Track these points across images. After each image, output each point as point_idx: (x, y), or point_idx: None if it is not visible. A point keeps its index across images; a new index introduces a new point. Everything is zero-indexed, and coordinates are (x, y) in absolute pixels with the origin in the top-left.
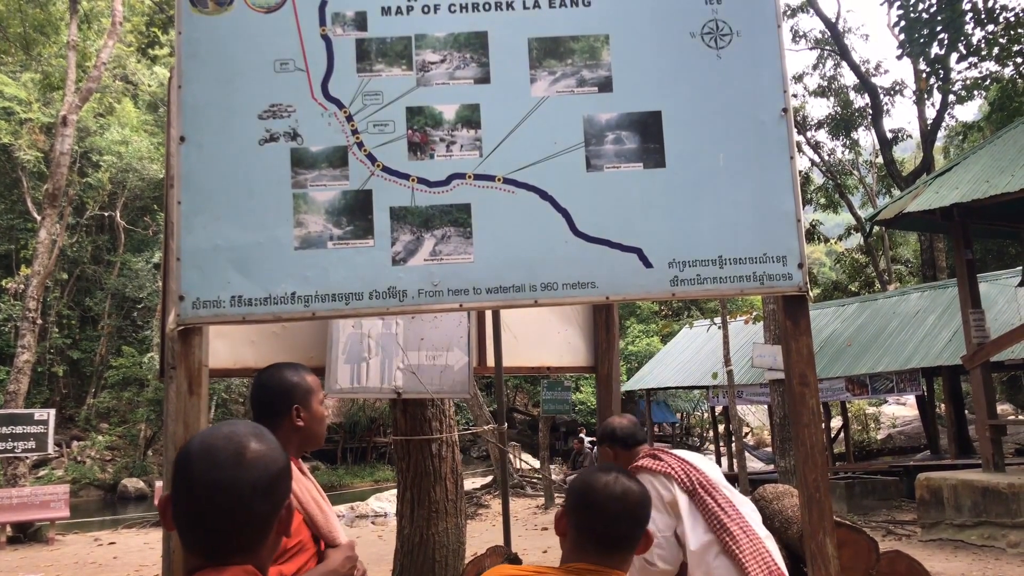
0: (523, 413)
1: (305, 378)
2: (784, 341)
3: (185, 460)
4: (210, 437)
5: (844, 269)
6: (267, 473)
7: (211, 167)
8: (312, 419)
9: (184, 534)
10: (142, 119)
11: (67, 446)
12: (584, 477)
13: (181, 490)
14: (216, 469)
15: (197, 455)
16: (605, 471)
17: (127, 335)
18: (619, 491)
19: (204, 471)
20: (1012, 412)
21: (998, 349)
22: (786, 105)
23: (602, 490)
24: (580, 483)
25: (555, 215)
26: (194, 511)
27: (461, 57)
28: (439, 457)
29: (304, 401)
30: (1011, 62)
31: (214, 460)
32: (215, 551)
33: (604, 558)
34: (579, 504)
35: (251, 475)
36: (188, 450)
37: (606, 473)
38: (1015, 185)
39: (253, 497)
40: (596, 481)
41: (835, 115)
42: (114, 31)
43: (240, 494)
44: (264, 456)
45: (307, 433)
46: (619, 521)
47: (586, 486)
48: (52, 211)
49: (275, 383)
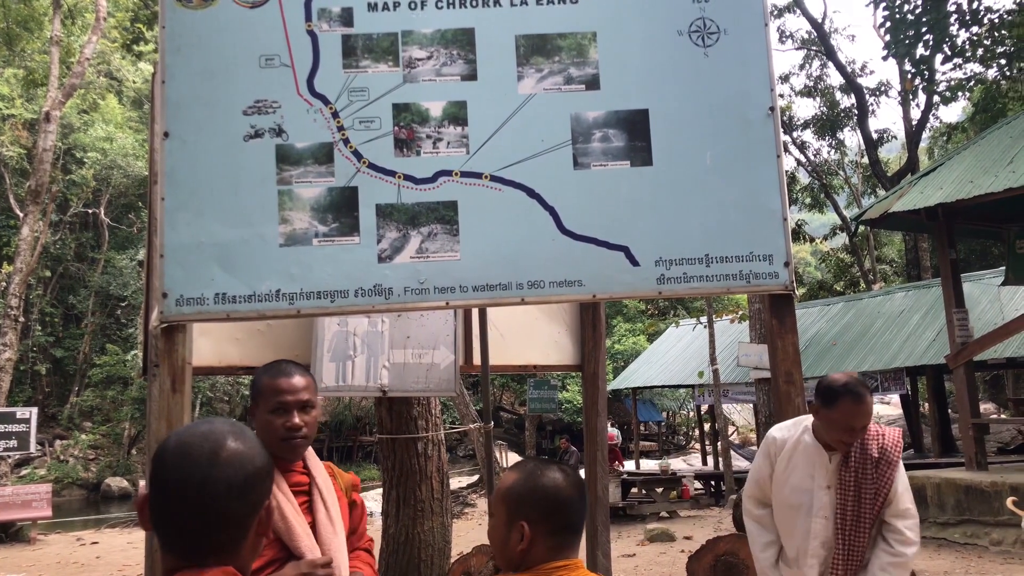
0: (509, 412)
1: (265, 382)
2: (770, 339)
3: (160, 458)
4: (187, 435)
5: (829, 269)
6: (243, 472)
7: (195, 163)
8: (258, 426)
9: (160, 534)
10: (127, 115)
11: (50, 445)
12: (530, 484)
13: (156, 488)
14: (190, 467)
15: (172, 452)
16: (539, 471)
17: (111, 333)
18: (572, 480)
19: (177, 468)
20: (995, 411)
21: (981, 348)
22: (773, 104)
23: (558, 487)
24: (533, 490)
25: (542, 213)
26: (168, 510)
27: (448, 54)
28: (425, 456)
29: (254, 404)
30: (995, 64)
31: (189, 457)
32: (191, 551)
33: (570, 549)
34: (547, 509)
35: (226, 473)
36: (164, 447)
37: (544, 470)
38: (998, 185)
39: (229, 496)
40: (547, 481)
41: (821, 115)
42: (98, 27)
43: (215, 493)
44: (241, 455)
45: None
46: (582, 506)
47: (542, 490)
48: (35, 208)
49: (254, 383)
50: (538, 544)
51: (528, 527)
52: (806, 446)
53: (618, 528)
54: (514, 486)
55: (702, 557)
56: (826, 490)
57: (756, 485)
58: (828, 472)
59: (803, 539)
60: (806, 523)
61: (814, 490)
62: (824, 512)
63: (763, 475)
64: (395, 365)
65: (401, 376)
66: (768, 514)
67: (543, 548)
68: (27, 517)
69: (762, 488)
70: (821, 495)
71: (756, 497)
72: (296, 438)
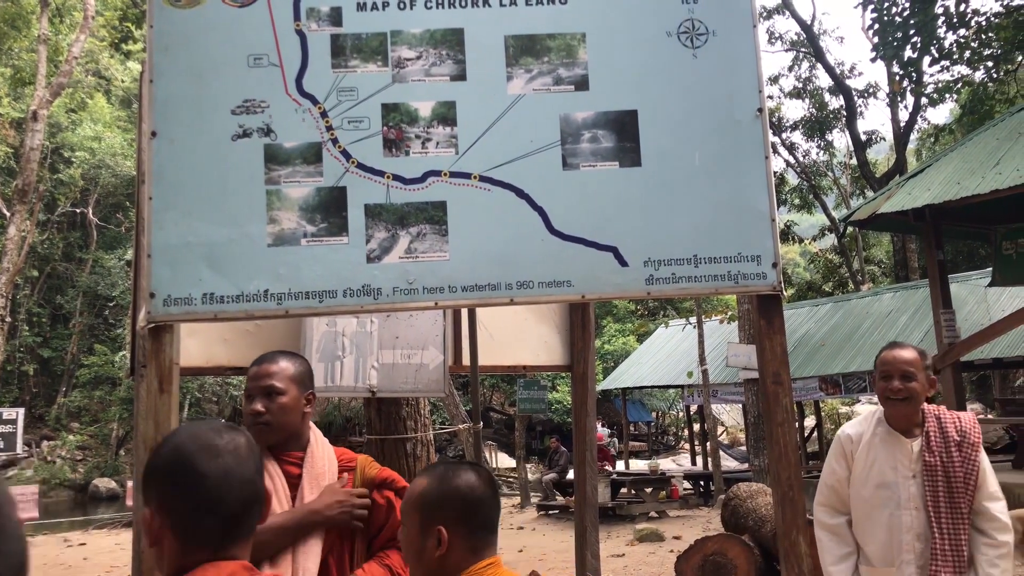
0: (499, 412)
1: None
2: (758, 340)
3: (184, 456)
4: (198, 433)
5: (818, 269)
6: (259, 461)
7: (183, 162)
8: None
9: (189, 530)
10: (115, 115)
11: (37, 446)
12: (443, 487)
13: (188, 484)
14: (223, 456)
15: (196, 450)
16: (450, 472)
17: (99, 333)
18: (485, 478)
19: (210, 460)
20: (982, 411)
21: (968, 349)
22: (761, 105)
23: (472, 486)
24: (447, 493)
25: (531, 213)
26: (207, 502)
27: (437, 54)
28: (414, 457)
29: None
30: (982, 66)
31: (217, 451)
32: (226, 538)
33: (489, 548)
34: (463, 510)
35: (252, 463)
36: (181, 447)
37: (456, 471)
38: (985, 187)
39: (256, 481)
40: (461, 483)
41: (810, 117)
42: (86, 25)
43: (250, 479)
44: (252, 446)
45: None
46: (496, 503)
47: (456, 491)
48: (22, 207)
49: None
50: (456, 547)
51: (446, 531)
52: (883, 436)
53: (607, 528)
54: (427, 491)
55: (691, 557)
56: (912, 480)
57: (831, 491)
58: (911, 459)
59: (895, 534)
60: (896, 518)
61: (899, 481)
62: (915, 503)
63: (839, 478)
64: (384, 366)
65: (390, 376)
66: (844, 523)
67: (461, 551)
68: None
69: (838, 493)
70: (908, 485)
71: (830, 505)
72: (257, 423)
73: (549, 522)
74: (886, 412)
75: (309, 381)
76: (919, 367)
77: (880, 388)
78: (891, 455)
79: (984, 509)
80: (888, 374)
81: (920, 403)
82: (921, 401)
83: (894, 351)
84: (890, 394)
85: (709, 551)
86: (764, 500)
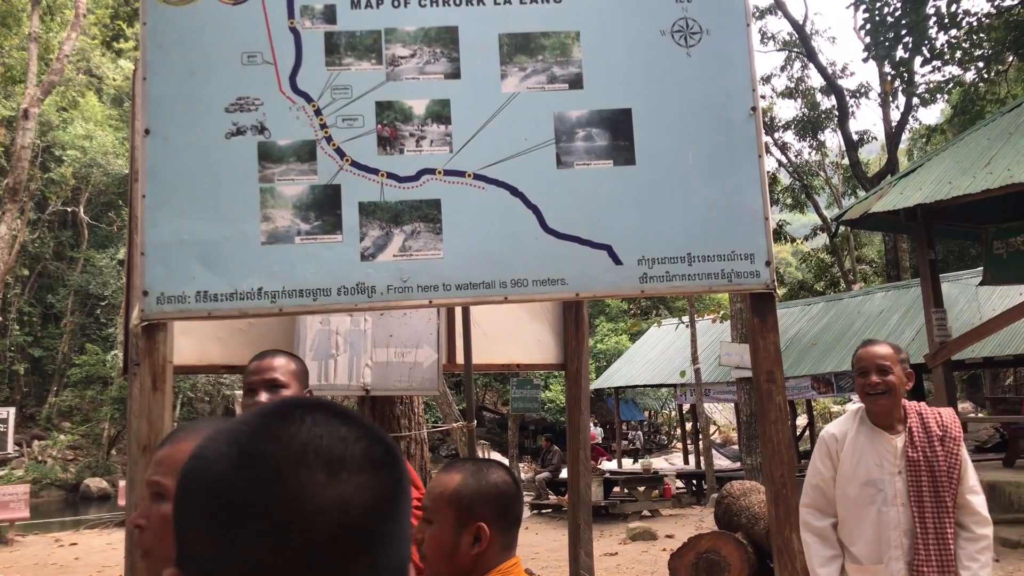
0: (492, 411)
1: (247, 366)
2: (751, 338)
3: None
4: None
5: (810, 269)
6: None
7: (176, 160)
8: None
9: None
10: (107, 113)
11: (28, 445)
12: (479, 483)
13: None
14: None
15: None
16: (484, 469)
17: (90, 332)
18: (512, 475)
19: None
20: (972, 410)
21: (959, 348)
22: (755, 104)
23: (507, 482)
24: (485, 489)
25: (525, 212)
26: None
27: (431, 52)
28: (407, 455)
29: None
30: (973, 66)
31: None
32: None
33: (515, 546)
34: (502, 506)
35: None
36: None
37: (488, 468)
38: (976, 187)
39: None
40: (496, 478)
41: (802, 116)
42: (77, 23)
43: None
44: None
45: None
46: (523, 500)
47: (494, 487)
48: (12, 206)
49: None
50: (493, 544)
51: (487, 527)
52: (867, 434)
53: (600, 527)
54: (463, 487)
55: (684, 555)
56: (898, 476)
57: (816, 491)
58: (896, 455)
59: (883, 531)
60: (884, 514)
61: (885, 478)
62: (901, 499)
63: (825, 478)
64: (378, 364)
65: (384, 375)
66: (830, 527)
67: (497, 548)
68: (5, 518)
69: (824, 493)
70: (894, 481)
71: (816, 506)
72: None
73: (542, 521)
74: (867, 408)
75: (307, 380)
76: (894, 360)
77: (859, 384)
78: (876, 452)
79: (965, 503)
80: (865, 370)
81: (900, 396)
82: (901, 394)
83: (868, 347)
84: (869, 389)
85: (703, 549)
86: (757, 498)
